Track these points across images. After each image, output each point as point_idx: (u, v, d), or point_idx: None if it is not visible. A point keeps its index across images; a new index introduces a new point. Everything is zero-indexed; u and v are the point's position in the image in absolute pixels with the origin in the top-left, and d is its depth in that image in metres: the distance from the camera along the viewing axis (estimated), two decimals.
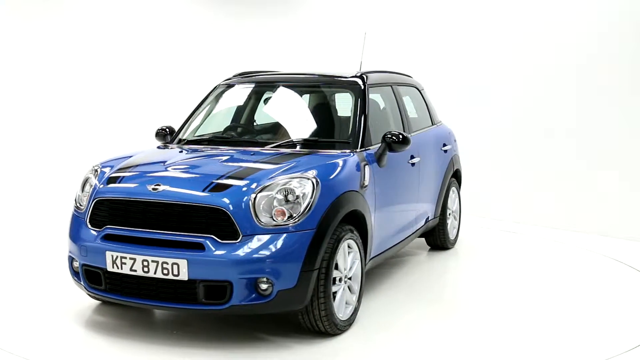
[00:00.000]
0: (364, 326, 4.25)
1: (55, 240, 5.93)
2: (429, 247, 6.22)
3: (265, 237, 3.66)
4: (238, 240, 3.65)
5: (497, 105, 7.67)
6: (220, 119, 5.26)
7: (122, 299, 3.92)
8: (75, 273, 4.15)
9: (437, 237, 6.07)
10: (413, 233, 5.41)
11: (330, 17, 9.54)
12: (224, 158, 4.31)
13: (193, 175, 4.05)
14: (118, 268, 3.79)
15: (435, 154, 5.82)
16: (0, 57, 8.21)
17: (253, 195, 3.73)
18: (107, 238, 3.90)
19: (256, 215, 3.69)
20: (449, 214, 6.15)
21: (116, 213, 3.93)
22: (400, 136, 4.53)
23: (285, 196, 3.75)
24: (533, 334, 4.21)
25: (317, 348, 3.90)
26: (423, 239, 6.17)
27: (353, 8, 9.34)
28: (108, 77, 8.81)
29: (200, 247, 3.66)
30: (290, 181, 3.80)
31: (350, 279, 4.15)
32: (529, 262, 5.95)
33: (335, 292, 3.98)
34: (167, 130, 5.08)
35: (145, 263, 3.71)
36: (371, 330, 4.21)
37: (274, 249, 3.64)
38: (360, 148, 4.48)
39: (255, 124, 5.26)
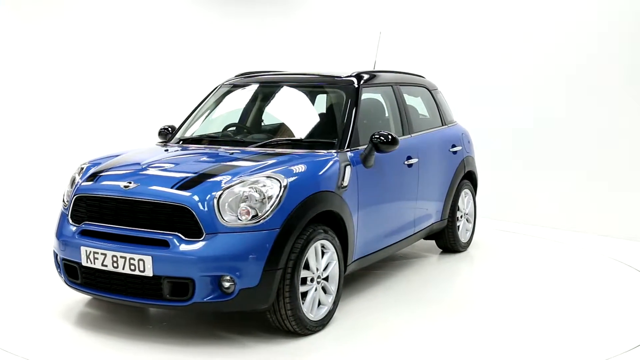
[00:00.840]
0: (341, 327, 4.21)
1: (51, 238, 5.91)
2: (441, 250, 6.10)
3: (228, 236, 3.67)
4: (201, 238, 3.67)
5: (497, 106, 7.66)
6: (217, 119, 5.25)
7: (96, 293, 4.00)
8: (58, 267, 4.25)
9: (447, 240, 5.93)
10: (412, 235, 5.31)
11: (330, 17, 9.52)
12: (203, 157, 4.37)
13: (165, 174, 4.08)
14: (91, 263, 3.90)
15: (441, 155, 5.69)
16: (2, 57, 8.23)
17: (218, 194, 3.75)
18: (84, 234, 4.01)
19: (220, 214, 3.71)
20: (460, 217, 6.03)
21: (92, 210, 4.03)
22: (389, 137, 4.47)
23: (251, 196, 3.75)
24: (533, 333, 4.17)
25: (280, 347, 3.88)
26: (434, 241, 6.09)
27: (353, 8, 9.34)
28: (108, 77, 8.80)
29: (165, 244, 3.71)
30: (257, 181, 3.82)
31: (326, 279, 4.14)
32: (529, 262, 5.90)
33: (306, 292, 3.97)
34: (170, 129, 5.18)
35: (115, 259, 3.79)
36: (347, 331, 4.14)
37: (236, 248, 3.65)
38: (347, 148, 4.46)
39: (247, 124, 5.28)
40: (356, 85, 4.84)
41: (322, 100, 5.24)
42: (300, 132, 4.82)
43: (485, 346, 4.00)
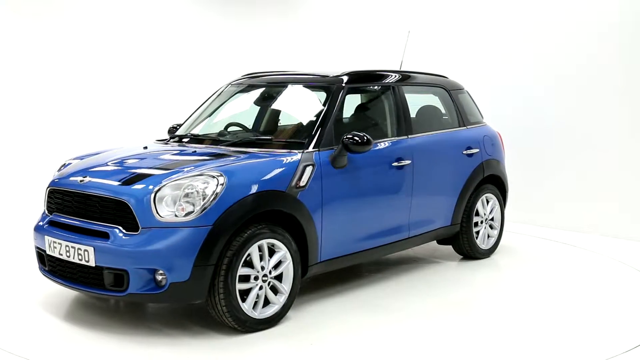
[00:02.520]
0: (291, 327, 4.18)
1: None
2: (461, 256, 5.87)
3: (162, 231, 3.76)
4: (138, 232, 3.80)
5: (501, 105, 7.65)
6: (212, 118, 5.27)
7: (58, 280, 4.21)
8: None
9: (462, 246, 5.69)
10: (406, 239, 5.14)
11: (330, 16, 9.52)
12: (167, 155, 4.51)
13: (118, 169, 4.26)
14: (52, 252, 4.16)
15: (451, 157, 5.48)
16: (8, 57, 8.27)
17: (155, 190, 3.84)
18: (50, 224, 4.28)
19: (156, 210, 3.79)
20: (481, 222, 5.76)
21: (57, 202, 4.29)
22: (364, 138, 4.40)
23: (186, 193, 3.82)
24: (532, 333, 4.13)
25: (215, 342, 3.94)
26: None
27: (353, 8, 9.34)
28: (108, 77, 8.79)
29: (106, 236, 3.88)
30: (194, 178, 3.88)
31: (280, 279, 4.15)
32: (529, 262, 5.82)
33: (249, 290, 3.99)
34: (178, 127, 5.31)
35: (67, 249, 4.02)
36: (294, 332, 4.11)
37: (167, 243, 3.74)
38: (317, 148, 4.42)
39: (240, 124, 5.27)
40: (335, 86, 4.79)
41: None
42: (277, 131, 4.97)
43: (485, 346, 3.95)
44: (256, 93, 5.31)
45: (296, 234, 4.26)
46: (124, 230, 3.85)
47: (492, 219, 5.92)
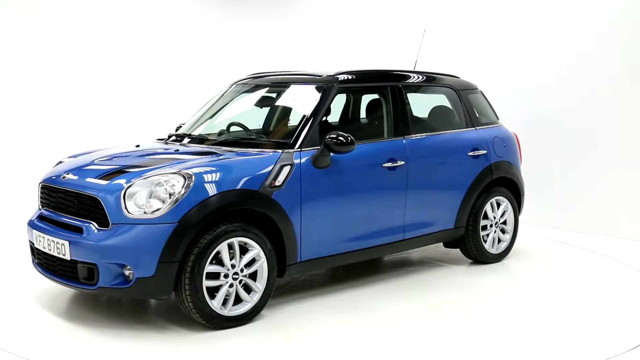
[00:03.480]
0: (262, 325, 4.20)
1: None
2: (471, 261, 5.72)
3: (130, 227, 3.85)
4: (108, 228, 3.89)
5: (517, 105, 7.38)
6: (212, 118, 5.27)
7: (44, 273, 4.34)
8: None
9: (469, 250, 5.55)
10: (401, 241, 5.04)
11: (330, 16, 9.52)
12: (150, 153, 4.59)
13: (99, 167, 4.35)
14: (38, 245, 4.31)
15: (452, 159, 5.35)
16: (12, 57, 8.30)
17: (126, 187, 3.91)
18: (39, 218, 4.44)
19: (126, 206, 3.87)
20: (490, 225, 5.59)
21: (45, 197, 4.46)
22: (346, 138, 4.38)
23: (154, 190, 3.89)
24: (532, 333, 4.11)
25: (183, 338, 3.98)
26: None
27: (353, 7, 9.34)
28: (107, 77, 8.78)
29: (80, 230, 4.00)
30: (163, 176, 3.94)
31: (253, 277, 4.18)
32: (528, 262, 5.76)
33: (219, 287, 4.03)
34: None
35: (48, 242, 4.17)
36: (265, 330, 4.13)
37: (133, 239, 3.82)
38: (299, 148, 4.42)
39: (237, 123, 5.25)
40: (325, 86, 4.77)
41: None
42: (274, 131, 5.01)
43: (484, 346, 3.93)
44: (255, 93, 5.29)
45: (273, 234, 4.27)
46: (97, 226, 3.94)
47: (504, 223, 5.74)
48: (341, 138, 4.38)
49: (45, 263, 4.32)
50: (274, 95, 5.22)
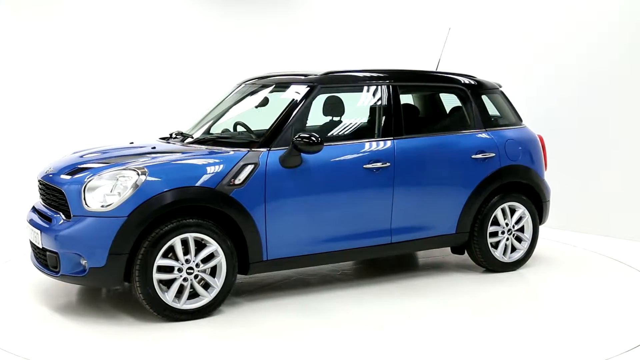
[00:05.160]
0: (216, 321, 4.26)
1: None
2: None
3: (86, 219, 4.05)
4: (70, 219, 4.12)
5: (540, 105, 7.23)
6: (211, 118, 5.28)
7: (37, 266, 4.49)
8: None
9: (476, 257, 5.31)
10: (390, 244, 4.91)
11: (330, 16, 9.51)
12: (129, 150, 4.72)
13: (78, 161, 4.53)
14: (29, 235, 4.56)
15: (451, 161, 5.11)
16: (11, 58, 8.34)
17: (87, 181, 4.12)
18: (33, 210, 4.66)
19: (85, 200, 4.07)
20: (502, 232, 5.30)
21: (40, 192, 4.68)
22: (313, 138, 4.37)
23: (109, 185, 4.09)
24: (532, 333, 4.08)
25: (126, 328, 4.14)
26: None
27: (353, 7, 9.33)
28: (106, 77, 8.78)
29: (50, 220, 4.26)
30: (120, 172, 4.13)
31: (211, 272, 4.26)
32: (528, 262, 5.86)
33: (173, 281, 4.15)
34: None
35: (32, 233, 4.42)
36: (216, 325, 4.20)
37: (87, 231, 4.02)
38: (270, 147, 4.46)
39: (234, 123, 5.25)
40: (306, 87, 4.75)
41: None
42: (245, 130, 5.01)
43: (483, 346, 3.93)
44: (256, 94, 5.28)
45: (237, 231, 4.33)
46: (64, 217, 4.17)
47: (521, 230, 5.43)
48: (308, 138, 4.38)
49: (36, 255, 4.50)
50: (268, 96, 5.19)
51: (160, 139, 5.14)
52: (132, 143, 4.98)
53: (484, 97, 5.45)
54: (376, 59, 8.46)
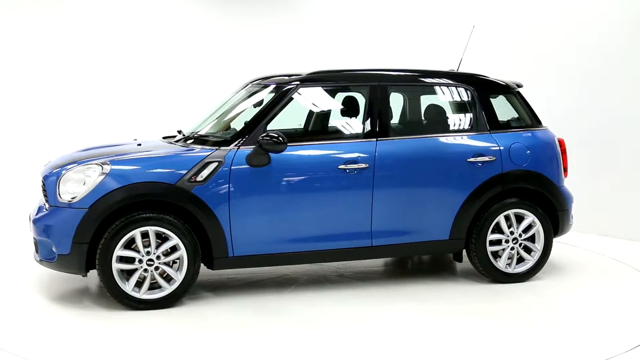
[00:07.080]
0: (172, 313, 4.37)
1: None
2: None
3: (57, 209, 4.34)
4: (47, 210, 4.41)
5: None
6: (214, 117, 5.25)
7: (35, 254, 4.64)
8: None
9: (475, 266, 5.06)
10: (370, 247, 4.76)
11: (331, 16, 9.51)
12: (111, 148, 4.88)
13: (74, 158, 4.65)
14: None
15: (442, 165, 4.87)
16: (21, 60, 8.36)
17: (62, 174, 4.38)
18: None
19: (59, 192, 4.34)
20: (505, 241, 4.99)
21: (42, 189, 4.75)
22: (278, 137, 4.44)
23: (77, 178, 4.34)
24: (532, 332, 4.07)
25: (87, 312, 4.38)
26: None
27: (353, 6, 9.33)
28: (106, 77, 8.78)
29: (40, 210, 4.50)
30: (87, 166, 4.36)
31: (174, 265, 4.42)
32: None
33: (134, 271, 4.35)
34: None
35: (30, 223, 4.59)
36: (172, 317, 4.31)
37: (55, 220, 4.32)
38: (238, 146, 4.54)
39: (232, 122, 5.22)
40: (284, 87, 4.78)
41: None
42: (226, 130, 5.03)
43: (484, 346, 3.92)
44: (256, 94, 5.25)
45: (200, 227, 4.44)
46: (46, 208, 4.43)
47: (531, 240, 5.09)
48: (272, 137, 4.44)
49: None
50: (261, 95, 5.15)
51: (163, 138, 5.15)
52: (135, 140, 5.09)
53: (494, 98, 5.17)
54: (376, 59, 8.46)
